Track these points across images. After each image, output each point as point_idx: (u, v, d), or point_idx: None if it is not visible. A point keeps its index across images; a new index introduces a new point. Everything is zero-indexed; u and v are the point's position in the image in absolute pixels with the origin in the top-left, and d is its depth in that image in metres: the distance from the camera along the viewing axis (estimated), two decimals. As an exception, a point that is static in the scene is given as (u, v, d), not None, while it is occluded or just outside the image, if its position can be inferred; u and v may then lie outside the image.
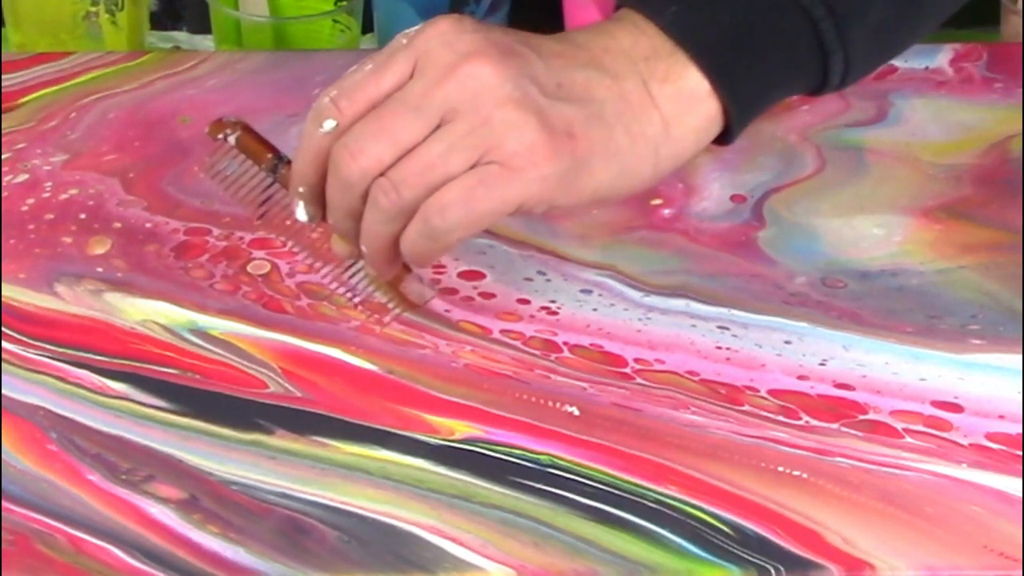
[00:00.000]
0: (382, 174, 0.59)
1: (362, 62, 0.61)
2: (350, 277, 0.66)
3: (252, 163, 0.66)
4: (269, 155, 0.66)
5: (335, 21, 0.92)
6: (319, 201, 0.62)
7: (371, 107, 0.60)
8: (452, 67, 0.58)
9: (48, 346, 0.68)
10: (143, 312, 0.69)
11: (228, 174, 0.67)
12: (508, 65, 0.59)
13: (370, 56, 0.61)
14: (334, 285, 0.67)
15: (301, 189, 0.62)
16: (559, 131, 0.59)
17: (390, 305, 0.66)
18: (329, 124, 0.60)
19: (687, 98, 0.61)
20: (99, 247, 0.73)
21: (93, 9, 0.94)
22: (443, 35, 0.59)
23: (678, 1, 0.62)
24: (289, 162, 0.64)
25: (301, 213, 0.63)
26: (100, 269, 0.72)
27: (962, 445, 0.64)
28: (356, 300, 0.67)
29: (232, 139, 0.66)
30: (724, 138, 0.63)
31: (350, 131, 0.59)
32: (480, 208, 0.58)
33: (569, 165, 0.59)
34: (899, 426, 0.64)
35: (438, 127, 0.59)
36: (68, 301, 0.70)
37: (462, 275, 0.72)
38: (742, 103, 0.62)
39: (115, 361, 0.67)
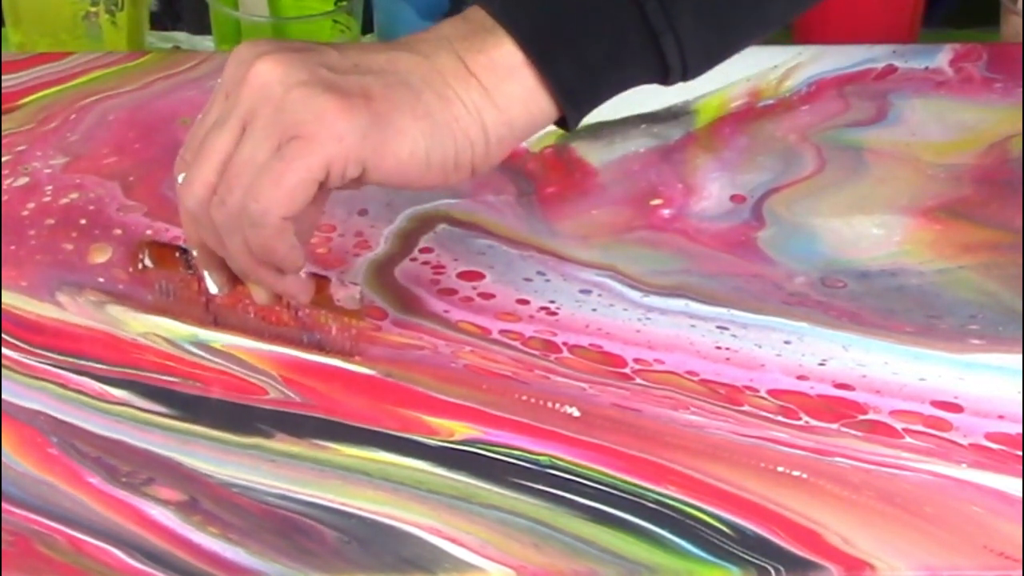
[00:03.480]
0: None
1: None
2: (300, 325, 0.67)
3: (172, 270, 0.67)
4: (176, 253, 0.67)
5: (335, 21, 0.92)
6: (218, 264, 0.64)
7: None
8: (243, 75, 0.60)
9: (49, 354, 0.67)
10: (145, 324, 0.69)
11: (172, 295, 0.68)
12: (294, 58, 0.60)
13: None
14: (291, 345, 0.68)
15: (195, 253, 0.64)
16: (353, 95, 0.59)
17: (340, 329, 0.67)
18: (181, 177, 0.62)
19: (502, 68, 0.61)
20: (100, 255, 0.73)
21: (93, 9, 0.94)
22: (236, 55, 0.61)
23: None
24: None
25: (211, 286, 0.65)
26: (101, 279, 0.71)
27: (962, 445, 0.64)
28: (312, 344, 0.67)
29: (148, 260, 0.68)
30: (565, 123, 0.63)
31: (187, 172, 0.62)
32: (287, 182, 0.59)
33: (368, 121, 0.59)
34: (899, 426, 0.64)
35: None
36: (70, 311, 0.70)
37: (462, 275, 0.72)
38: (565, 82, 0.62)
39: (116, 369, 0.67)
